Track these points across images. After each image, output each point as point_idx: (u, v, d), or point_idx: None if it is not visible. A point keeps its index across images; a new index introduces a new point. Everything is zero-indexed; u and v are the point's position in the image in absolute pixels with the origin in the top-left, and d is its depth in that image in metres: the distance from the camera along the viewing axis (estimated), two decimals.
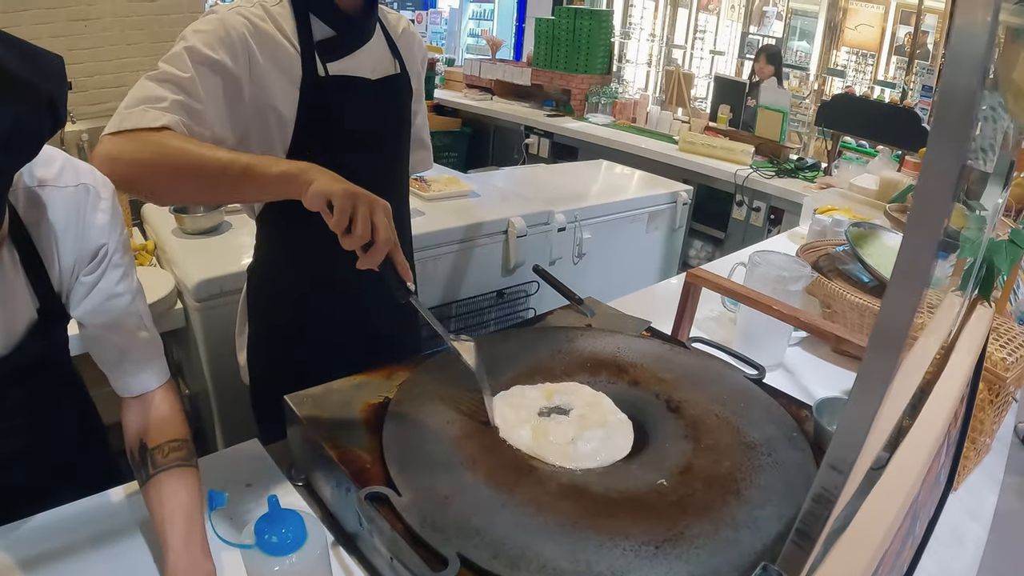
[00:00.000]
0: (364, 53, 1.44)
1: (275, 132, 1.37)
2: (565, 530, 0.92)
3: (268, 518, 0.80)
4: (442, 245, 2.50)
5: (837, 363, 1.76)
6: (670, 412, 1.22)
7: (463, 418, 1.15)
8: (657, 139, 5.07)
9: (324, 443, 1.09)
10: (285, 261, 1.56)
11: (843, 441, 0.46)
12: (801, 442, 1.14)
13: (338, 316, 1.60)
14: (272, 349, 1.64)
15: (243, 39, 1.27)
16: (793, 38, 7.79)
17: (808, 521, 0.52)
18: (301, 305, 1.59)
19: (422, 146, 1.78)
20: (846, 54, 7.65)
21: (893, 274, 0.46)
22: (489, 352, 1.34)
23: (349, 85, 1.42)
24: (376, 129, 1.50)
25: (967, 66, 0.42)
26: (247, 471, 1.25)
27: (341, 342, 1.59)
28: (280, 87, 1.34)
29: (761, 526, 0.95)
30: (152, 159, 1.13)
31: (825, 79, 7.50)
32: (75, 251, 1.03)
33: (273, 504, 0.81)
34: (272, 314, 1.62)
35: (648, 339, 1.44)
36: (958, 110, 0.43)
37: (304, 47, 1.35)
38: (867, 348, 0.46)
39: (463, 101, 6.43)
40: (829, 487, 0.49)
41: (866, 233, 2.01)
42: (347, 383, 1.25)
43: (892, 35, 7.32)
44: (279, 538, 0.79)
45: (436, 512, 0.94)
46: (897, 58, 7.32)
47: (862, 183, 3.70)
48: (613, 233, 3.21)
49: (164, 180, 1.16)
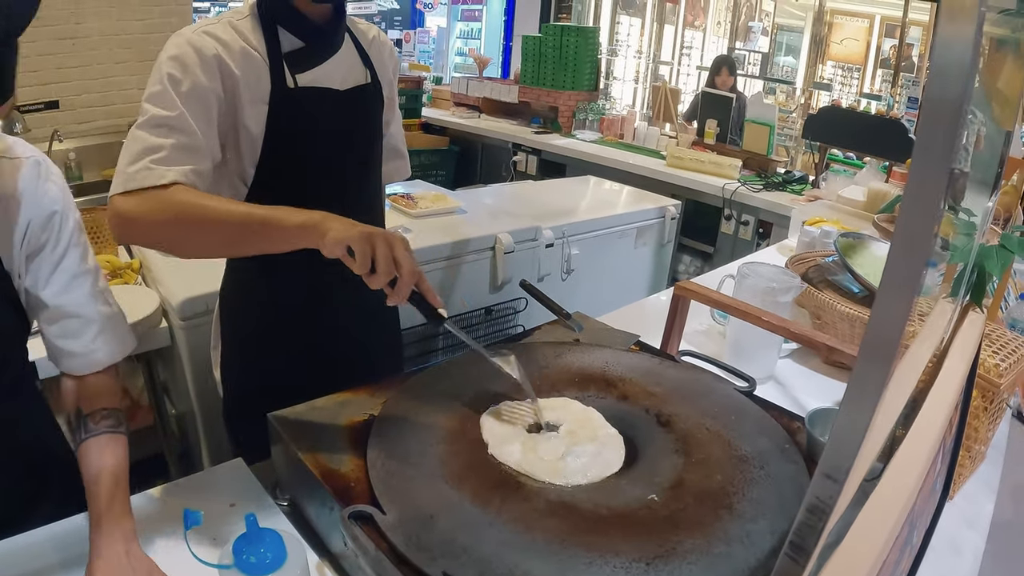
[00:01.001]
0: (333, 63, 1.43)
1: (245, 148, 1.36)
2: (553, 548, 0.89)
3: (247, 538, 0.77)
4: (429, 262, 2.48)
5: (828, 374, 1.75)
6: (660, 426, 1.20)
7: (449, 435, 1.13)
8: (645, 155, 5.07)
9: (307, 461, 1.07)
10: (254, 278, 1.54)
11: (837, 449, 0.45)
12: (794, 454, 1.12)
13: (310, 332, 1.57)
14: (243, 367, 1.62)
15: (216, 58, 1.26)
16: (779, 53, 7.84)
17: (802, 533, 0.50)
18: (270, 321, 1.56)
19: (397, 155, 1.74)
20: (832, 68, 7.71)
21: (882, 284, 0.44)
22: (476, 368, 1.32)
23: (319, 96, 1.40)
24: (347, 140, 1.48)
25: (952, 77, 0.42)
26: (231, 491, 1.22)
27: (314, 359, 1.57)
28: (249, 102, 1.32)
29: (754, 541, 0.93)
30: (170, 219, 1.16)
31: (811, 93, 7.54)
32: (27, 217, 1.06)
33: (251, 523, 0.78)
34: (241, 330, 1.60)
35: (637, 353, 1.42)
36: (944, 121, 0.42)
37: (272, 59, 1.34)
38: (859, 353, 0.44)
39: (450, 119, 6.43)
40: (824, 497, 0.47)
41: (855, 243, 2.01)
42: (331, 401, 1.23)
43: (877, 49, 7.40)
44: (258, 558, 0.77)
45: (421, 531, 0.91)
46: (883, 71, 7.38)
47: (850, 194, 3.71)
48: (601, 249, 3.20)
49: (183, 237, 1.20)
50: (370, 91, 1.51)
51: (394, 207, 2.80)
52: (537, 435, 1.14)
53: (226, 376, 1.64)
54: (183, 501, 1.17)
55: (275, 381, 1.46)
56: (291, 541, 0.82)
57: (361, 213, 1.53)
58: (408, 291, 1.09)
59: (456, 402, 1.22)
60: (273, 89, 1.33)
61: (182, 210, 1.15)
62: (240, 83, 1.30)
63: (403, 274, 1.07)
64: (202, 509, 1.15)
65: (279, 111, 1.34)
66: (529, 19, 8.12)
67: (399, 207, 2.79)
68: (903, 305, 0.44)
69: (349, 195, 1.49)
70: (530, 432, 1.15)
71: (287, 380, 1.40)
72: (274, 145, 1.36)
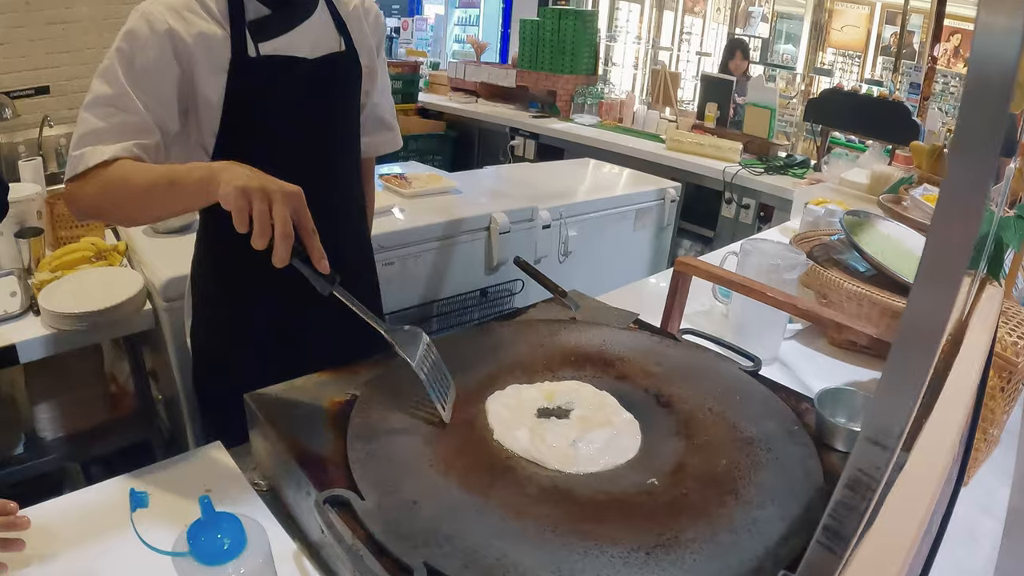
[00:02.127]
0: (302, 31, 1.36)
1: (204, 118, 1.32)
2: (546, 536, 0.83)
3: (202, 523, 0.71)
4: (422, 243, 2.41)
5: (834, 356, 1.68)
6: (661, 407, 1.13)
7: (437, 417, 1.06)
8: (644, 138, 5.00)
9: (284, 443, 1.00)
10: (220, 249, 1.48)
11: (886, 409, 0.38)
12: (802, 436, 1.06)
13: (278, 308, 1.49)
14: (210, 341, 1.56)
15: (168, 31, 1.23)
16: (779, 41, 7.78)
17: (840, 515, 0.43)
18: (238, 296, 1.50)
19: (383, 126, 1.66)
20: (832, 55, 7.64)
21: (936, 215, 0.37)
22: (466, 348, 1.26)
23: (281, 66, 1.34)
24: (313, 111, 1.41)
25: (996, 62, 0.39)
26: (208, 475, 1.15)
27: (282, 335, 1.50)
28: (207, 72, 1.28)
29: (762, 528, 0.86)
30: (100, 194, 1.19)
31: (812, 79, 7.47)
32: None
33: (206, 507, 0.71)
34: (210, 305, 1.54)
35: (636, 331, 1.36)
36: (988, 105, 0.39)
37: (235, 28, 1.28)
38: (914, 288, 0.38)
39: (447, 104, 6.35)
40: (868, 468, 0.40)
41: (862, 222, 1.93)
42: (312, 380, 1.16)
43: (878, 36, 7.33)
44: (214, 545, 0.70)
45: (402, 518, 0.85)
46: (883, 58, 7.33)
47: (853, 177, 3.63)
48: (600, 231, 3.13)
49: (114, 209, 1.25)
50: (343, 59, 1.44)
51: (387, 187, 2.73)
52: (547, 421, 1.07)
53: (195, 350, 1.59)
54: (156, 487, 1.11)
55: (243, 365, 1.43)
56: (251, 526, 0.75)
57: (333, 186, 1.46)
58: (284, 252, 0.98)
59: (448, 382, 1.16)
60: (233, 58, 1.28)
61: (109, 186, 1.18)
62: (195, 53, 1.26)
63: (276, 234, 0.97)
64: (176, 494, 1.09)
65: (237, 81, 1.29)
66: (527, 5, 8.02)
67: (392, 187, 2.72)
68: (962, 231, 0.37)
69: (316, 167, 1.42)
70: (540, 417, 1.08)
71: (256, 365, 1.36)
72: (233, 115, 1.31)
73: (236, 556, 0.71)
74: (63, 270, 2.05)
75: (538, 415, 1.08)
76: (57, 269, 2.05)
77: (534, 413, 1.08)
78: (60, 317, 1.82)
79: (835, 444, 1.06)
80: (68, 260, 2.09)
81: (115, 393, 2.35)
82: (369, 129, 1.59)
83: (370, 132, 1.59)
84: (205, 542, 0.70)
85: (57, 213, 2.25)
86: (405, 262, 2.36)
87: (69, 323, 1.83)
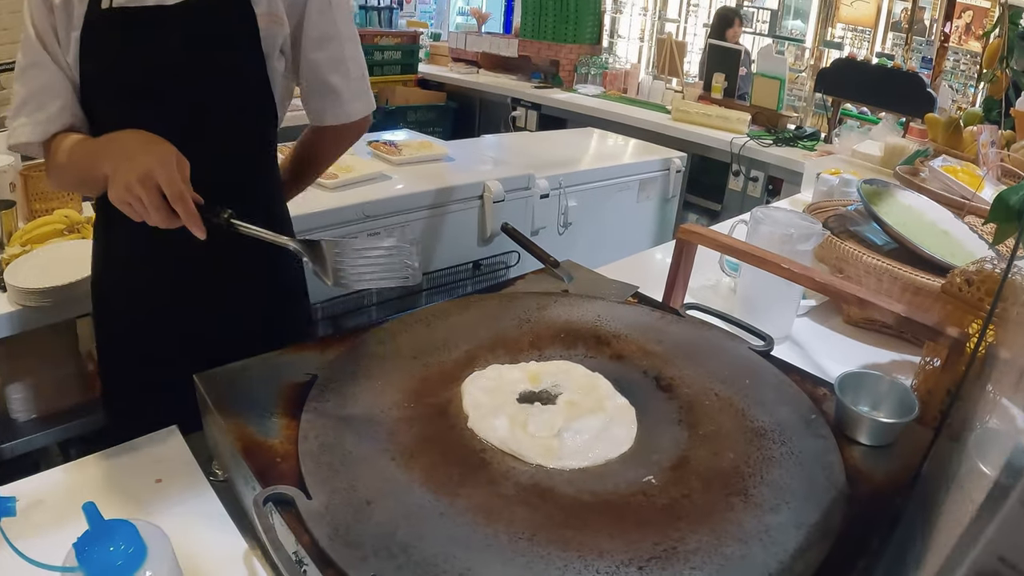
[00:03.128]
0: None
1: (73, 88, 1.21)
2: (520, 546, 0.70)
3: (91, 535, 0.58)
4: (410, 211, 2.28)
5: (851, 335, 1.55)
6: (661, 391, 1.00)
7: (406, 400, 0.94)
8: (649, 109, 4.85)
9: (229, 431, 0.88)
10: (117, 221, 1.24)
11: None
12: (821, 427, 0.93)
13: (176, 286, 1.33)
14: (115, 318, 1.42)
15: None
16: (787, 16, 7.65)
17: None
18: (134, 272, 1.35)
19: (327, 90, 1.36)
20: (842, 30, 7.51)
21: None
22: (441, 323, 1.13)
23: (134, 17, 1.14)
24: (185, 71, 1.18)
25: None
26: (159, 464, 1.03)
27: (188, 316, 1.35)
28: (65, 30, 1.16)
29: (775, 537, 0.73)
30: (51, 168, 1.22)
31: (821, 52, 7.32)
32: None
33: (92, 516, 0.58)
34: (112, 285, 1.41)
35: (635, 306, 1.22)
36: None
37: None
38: None
39: (448, 75, 6.23)
40: None
41: (880, 191, 1.79)
42: (270, 359, 1.03)
43: (888, 12, 7.23)
44: (107, 559, 0.57)
45: (353, 521, 0.72)
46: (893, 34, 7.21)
47: (866, 149, 3.49)
48: (601, 202, 3.00)
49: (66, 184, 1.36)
50: (212, 7, 1.19)
51: (376, 154, 2.59)
52: (530, 407, 0.94)
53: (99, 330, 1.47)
54: (103, 477, 1.00)
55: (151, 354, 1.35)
56: (151, 533, 0.62)
57: (221, 164, 1.23)
58: (191, 216, 0.96)
59: (419, 361, 1.03)
60: (87, 13, 1.14)
61: (53, 161, 1.18)
62: (57, 11, 1.15)
63: (172, 203, 0.96)
64: (123, 486, 0.98)
65: (88, 38, 1.15)
66: None
67: (381, 154, 2.58)
68: None
69: (191, 135, 1.14)
70: (522, 403, 0.95)
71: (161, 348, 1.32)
72: (88, 78, 1.18)
73: (135, 570, 0.58)
74: (33, 244, 1.94)
75: (520, 400, 0.95)
76: (28, 243, 1.94)
77: (516, 398, 0.95)
78: (24, 293, 1.72)
79: (857, 436, 0.93)
80: (39, 234, 1.98)
81: (92, 372, 2.24)
82: (309, 92, 1.36)
83: (310, 96, 1.36)
84: (97, 556, 0.57)
85: (32, 186, 2.13)
86: (392, 232, 2.23)
87: (34, 299, 1.72)
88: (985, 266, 1.12)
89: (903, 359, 1.45)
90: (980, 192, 2.05)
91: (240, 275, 1.32)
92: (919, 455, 0.91)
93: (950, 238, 1.66)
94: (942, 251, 1.53)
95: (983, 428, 0.81)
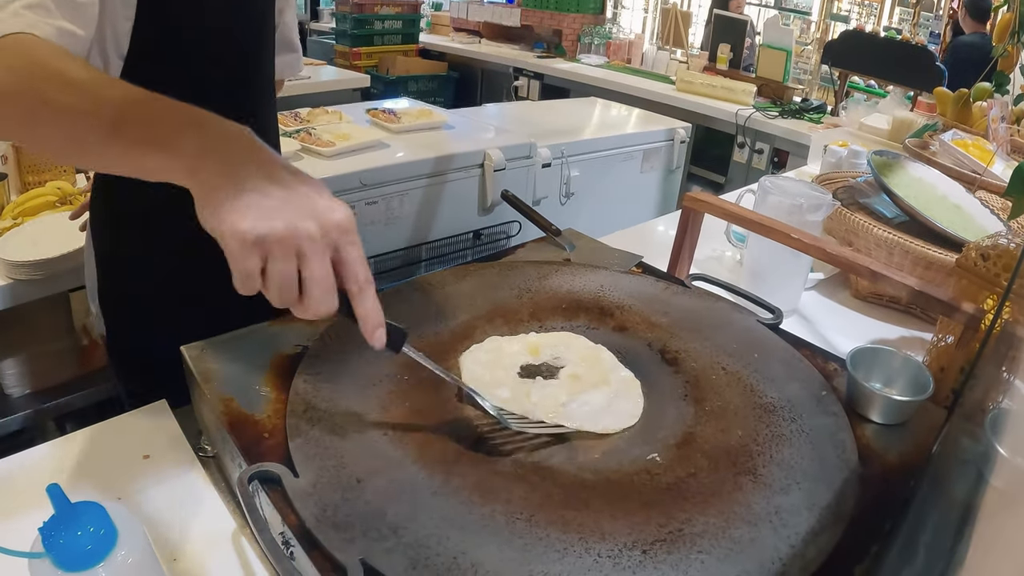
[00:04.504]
0: None
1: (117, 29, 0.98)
2: (517, 528, 0.66)
3: (57, 519, 0.54)
4: (409, 179, 2.22)
5: (859, 310, 1.51)
6: (665, 365, 0.96)
7: (400, 374, 0.90)
8: (653, 79, 4.79)
9: (216, 405, 0.84)
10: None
11: None
12: (832, 404, 0.89)
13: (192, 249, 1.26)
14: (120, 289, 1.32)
15: None
16: None
17: None
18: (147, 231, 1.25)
19: (290, 47, 1.42)
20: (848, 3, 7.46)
21: None
22: (442, 292, 1.09)
23: None
24: (236, 24, 1.14)
25: None
26: (147, 439, 0.99)
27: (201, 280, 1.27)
28: None
29: (786, 519, 0.70)
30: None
31: (828, 25, 7.25)
32: None
33: (57, 499, 0.54)
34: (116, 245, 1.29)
35: (639, 276, 1.18)
36: None
37: None
38: None
39: (449, 44, 6.15)
40: None
41: (891, 163, 1.74)
42: (260, 329, 0.99)
43: None
44: (75, 544, 0.53)
45: (341, 501, 0.68)
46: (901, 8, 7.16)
47: (873, 123, 3.43)
48: (604, 172, 2.94)
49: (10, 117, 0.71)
50: None
51: (374, 123, 2.54)
52: (531, 381, 0.90)
53: (105, 304, 1.34)
54: (87, 453, 0.96)
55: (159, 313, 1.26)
56: (122, 516, 0.58)
57: (254, 113, 1.21)
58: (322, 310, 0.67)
59: (414, 332, 0.98)
60: None
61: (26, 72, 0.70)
62: None
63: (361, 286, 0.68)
64: (108, 462, 0.93)
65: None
66: None
67: (379, 122, 2.52)
68: None
69: (240, 94, 1.17)
70: (523, 377, 0.91)
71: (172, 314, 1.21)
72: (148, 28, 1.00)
73: (104, 556, 0.55)
74: (25, 217, 1.91)
75: (521, 374, 0.91)
76: (19, 216, 1.90)
77: (516, 372, 0.91)
78: (16, 266, 1.69)
79: (869, 414, 0.89)
80: (31, 206, 1.95)
81: (87, 346, 2.22)
82: (277, 49, 1.33)
83: (278, 52, 1.34)
84: (64, 542, 0.53)
85: (24, 158, 2.09)
86: (390, 201, 2.17)
87: (24, 272, 1.69)
88: (1000, 240, 1.08)
89: (913, 335, 1.41)
90: (991, 167, 2.01)
91: None
92: (933, 435, 0.88)
93: (962, 212, 1.62)
94: (954, 225, 1.48)
95: (998, 408, 0.77)
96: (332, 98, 3.49)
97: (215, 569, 0.78)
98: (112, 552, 0.55)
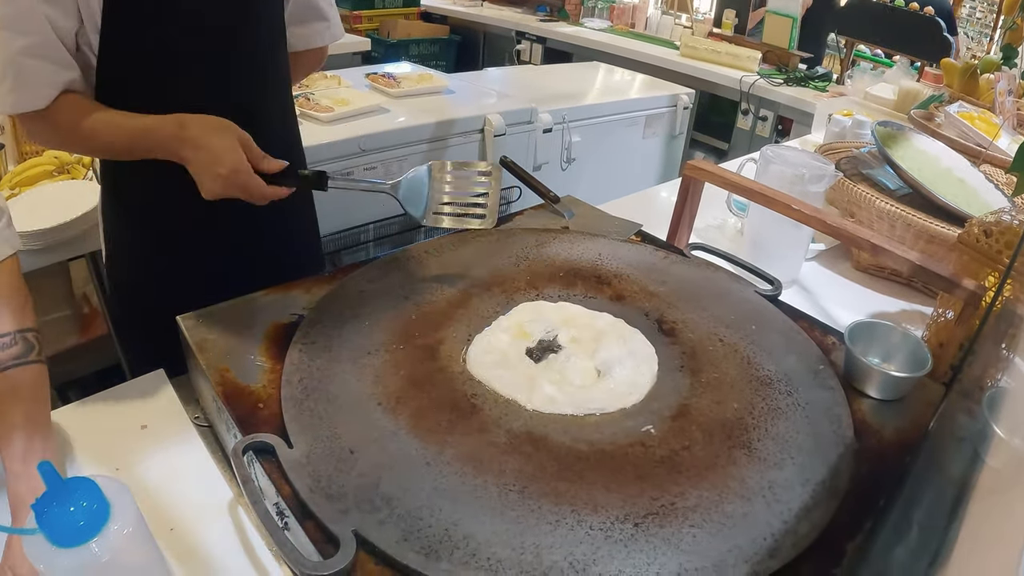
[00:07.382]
0: None
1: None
2: (509, 499, 0.66)
3: (49, 495, 0.54)
4: (408, 145, 2.20)
5: (860, 282, 1.50)
6: (662, 335, 0.96)
7: (395, 343, 0.89)
8: (657, 44, 4.72)
9: (210, 376, 0.84)
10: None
11: None
12: (829, 378, 0.89)
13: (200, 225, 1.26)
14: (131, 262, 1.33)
15: None
16: None
17: None
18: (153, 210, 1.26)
19: (316, 15, 1.34)
20: None
21: None
22: (439, 259, 1.08)
23: None
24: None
25: None
26: (145, 409, 0.99)
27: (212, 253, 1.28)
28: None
29: (779, 495, 0.70)
30: (65, 142, 1.17)
31: None
32: None
33: (49, 475, 0.54)
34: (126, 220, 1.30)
35: (638, 244, 1.17)
36: None
37: None
38: None
39: (451, 7, 6.05)
40: None
41: (895, 134, 1.73)
42: (255, 299, 0.99)
43: None
44: (68, 520, 0.53)
45: (335, 472, 0.68)
46: None
47: (879, 92, 3.40)
48: (606, 137, 2.91)
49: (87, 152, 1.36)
50: None
51: (373, 87, 2.51)
52: (548, 361, 0.89)
53: (112, 274, 1.37)
54: (86, 422, 0.96)
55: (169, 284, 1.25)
56: (114, 490, 0.58)
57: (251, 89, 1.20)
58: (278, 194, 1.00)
59: (410, 300, 0.98)
60: None
61: (69, 135, 1.08)
62: None
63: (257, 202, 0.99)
64: (107, 432, 0.94)
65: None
66: None
67: (379, 86, 2.49)
68: None
69: (229, 66, 1.14)
70: (538, 363, 0.89)
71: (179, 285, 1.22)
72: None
73: (98, 531, 0.54)
74: (23, 187, 1.89)
75: (535, 360, 0.89)
76: (17, 186, 1.89)
77: (527, 363, 0.89)
78: None
79: (866, 389, 0.89)
80: (29, 176, 1.93)
81: (87, 315, 2.23)
82: (298, 18, 1.30)
83: (299, 21, 1.31)
84: (57, 518, 0.53)
85: (22, 128, 2.06)
86: (389, 166, 2.15)
87: (24, 242, 1.66)
88: (1003, 217, 1.07)
89: (913, 309, 1.40)
90: (996, 141, 1.99)
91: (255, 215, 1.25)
92: (930, 411, 0.87)
93: (966, 186, 1.60)
94: (957, 199, 1.47)
95: (997, 387, 0.77)
96: (332, 62, 3.44)
97: (212, 539, 0.78)
98: (105, 526, 0.55)
